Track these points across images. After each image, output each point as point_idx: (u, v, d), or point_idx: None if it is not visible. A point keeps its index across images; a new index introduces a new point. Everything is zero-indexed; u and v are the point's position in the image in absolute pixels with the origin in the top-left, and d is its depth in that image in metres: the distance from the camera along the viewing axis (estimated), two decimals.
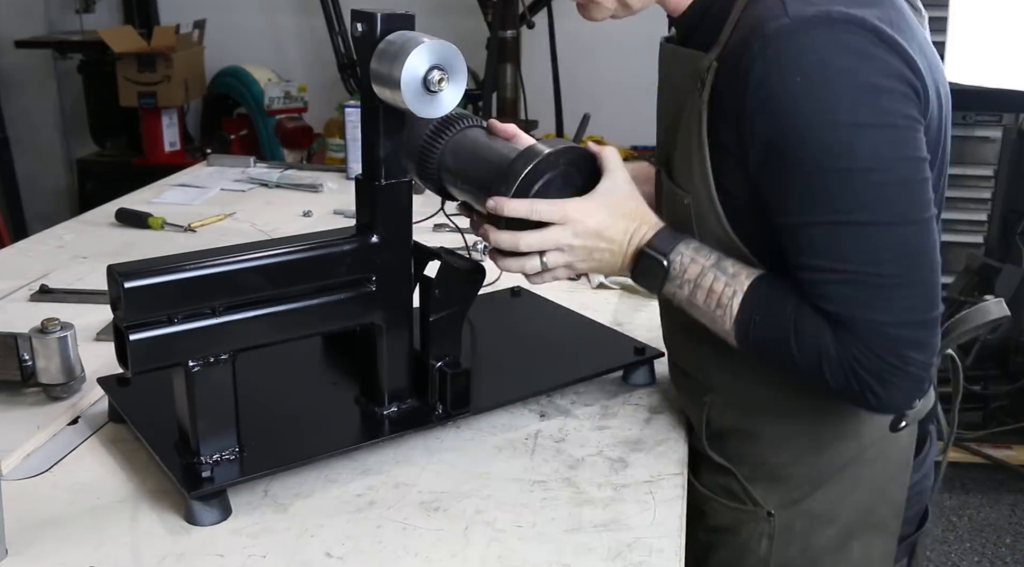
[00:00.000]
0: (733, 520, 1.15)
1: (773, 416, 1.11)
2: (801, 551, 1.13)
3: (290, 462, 1.02)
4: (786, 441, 1.11)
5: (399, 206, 1.06)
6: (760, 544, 1.14)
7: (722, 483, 1.16)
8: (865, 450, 1.10)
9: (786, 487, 1.12)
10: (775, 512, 1.12)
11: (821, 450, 1.10)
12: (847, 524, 1.13)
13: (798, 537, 1.13)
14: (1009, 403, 3.03)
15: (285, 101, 4.16)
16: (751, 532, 1.14)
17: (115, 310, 0.94)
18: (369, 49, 0.99)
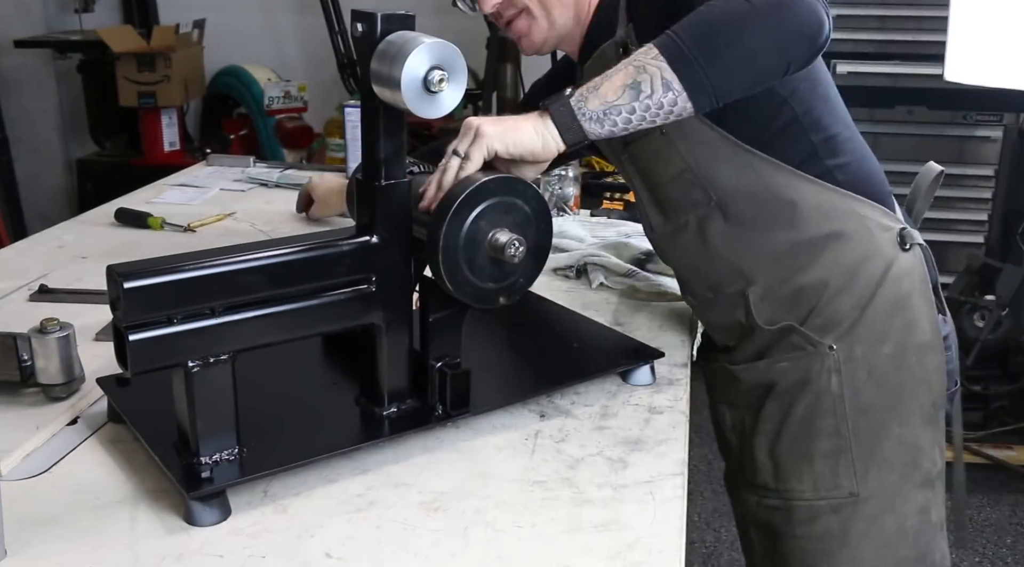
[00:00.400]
0: (801, 371, 1.27)
1: (803, 266, 1.24)
2: (868, 374, 1.26)
3: (290, 462, 1.02)
4: (823, 280, 1.24)
5: (399, 206, 1.06)
6: (831, 381, 1.26)
7: (782, 344, 1.28)
8: (888, 269, 1.24)
9: (837, 320, 1.25)
10: (835, 346, 1.25)
11: (854, 276, 1.24)
12: (899, 340, 1.26)
13: (860, 362, 1.25)
14: (1009, 403, 3.03)
15: (285, 101, 4.16)
16: (819, 372, 1.26)
17: (114, 310, 0.94)
18: (369, 49, 0.99)
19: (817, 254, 1.24)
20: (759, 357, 1.31)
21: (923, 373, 1.28)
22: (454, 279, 1.05)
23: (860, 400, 1.26)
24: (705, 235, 1.27)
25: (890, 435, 1.28)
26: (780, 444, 1.31)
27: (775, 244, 1.24)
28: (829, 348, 1.25)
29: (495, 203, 1.04)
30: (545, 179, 2.05)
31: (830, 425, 1.27)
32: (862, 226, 1.24)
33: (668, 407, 1.23)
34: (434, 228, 1.03)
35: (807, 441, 1.29)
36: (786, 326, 1.27)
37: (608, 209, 2.12)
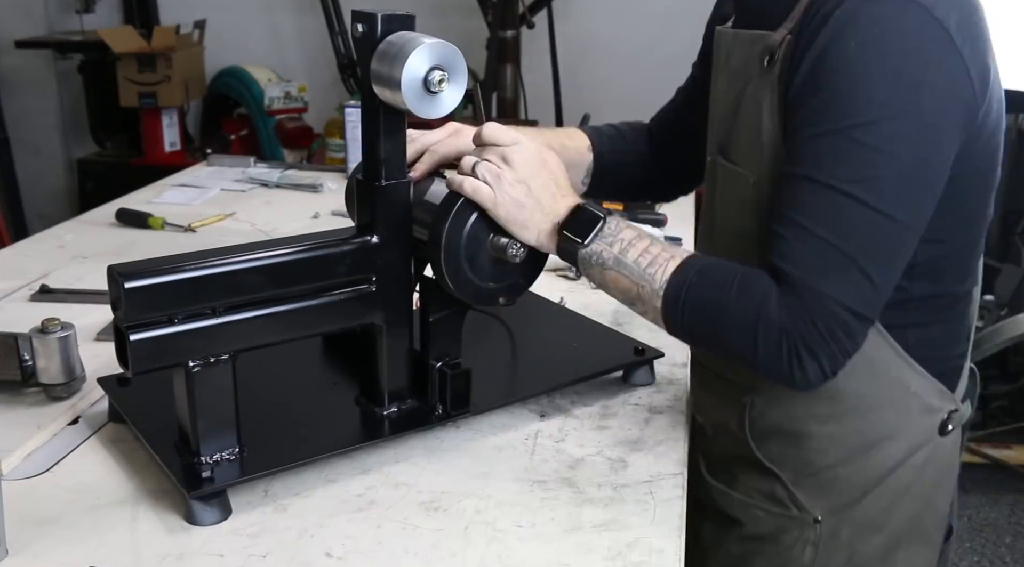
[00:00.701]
0: (775, 527, 1.13)
1: (819, 416, 1.08)
2: (846, 559, 1.11)
3: (290, 462, 1.02)
4: (833, 442, 1.08)
5: (399, 206, 1.06)
6: (804, 552, 1.11)
7: (764, 489, 1.14)
8: (913, 453, 1.08)
9: (834, 492, 1.10)
10: (822, 518, 1.10)
11: (869, 451, 1.08)
12: (894, 533, 1.11)
13: (844, 545, 1.11)
14: (1009, 403, 3.03)
15: (285, 101, 4.16)
16: (795, 539, 1.12)
17: (115, 310, 0.94)
18: (369, 49, 0.99)
19: (841, 410, 1.07)
20: (733, 482, 1.17)
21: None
22: (455, 278, 1.06)
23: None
24: None
25: None
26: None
27: None
28: (815, 520, 1.10)
29: None
30: None
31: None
32: (903, 403, 1.07)
33: (668, 407, 1.23)
34: (436, 227, 1.04)
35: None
36: (775, 473, 1.12)
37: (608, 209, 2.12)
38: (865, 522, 1.10)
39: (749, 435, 1.14)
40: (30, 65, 4.36)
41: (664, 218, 2.05)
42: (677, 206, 2.25)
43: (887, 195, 0.91)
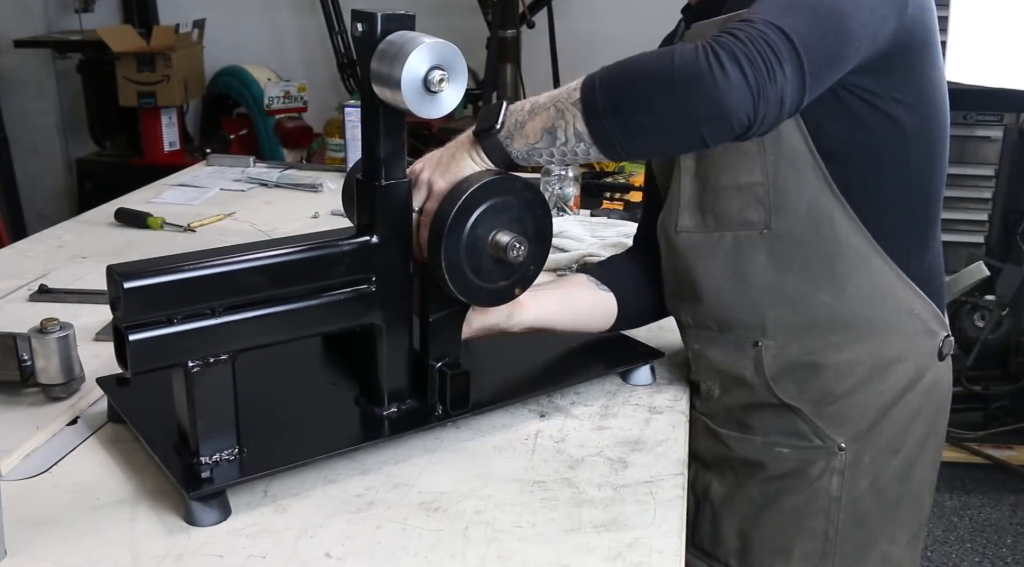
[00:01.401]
0: (800, 462, 1.17)
1: (835, 344, 1.13)
2: (870, 483, 1.16)
3: (290, 462, 1.02)
4: (850, 368, 1.13)
5: (399, 206, 1.06)
6: (832, 481, 1.16)
7: (785, 427, 1.17)
8: (922, 376, 1.15)
9: (854, 417, 1.15)
10: (845, 445, 1.15)
11: (884, 374, 1.14)
12: (909, 455, 1.17)
13: (867, 469, 1.16)
14: (1010, 403, 3.03)
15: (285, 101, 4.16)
16: (822, 470, 1.16)
17: (114, 310, 0.94)
18: (369, 49, 0.99)
19: (855, 336, 1.13)
20: (749, 429, 1.20)
21: (921, 491, 1.21)
22: (466, 290, 1.06)
23: (857, 508, 1.17)
24: (740, 261, 1.15)
25: (878, 550, 1.20)
26: (757, 529, 1.21)
27: (814, 306, 1.12)
28: (839, 447, 1.15)
29: (486, 208, 1.04)
30: (545, 179, 2.05)
31: (819, 526, 1.18)
32: (910, 325, 1.14)
33: (668, 407, 1.23)
34: (433, 250, 1.03)
35: (790, 536, 1.19)
36: (796, 409, 1.16)
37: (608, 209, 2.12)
38: (884, 445, 1.16)
39: (768, 376, 1.16)
40: (29, 64, 4.36)
41: None
42: None
43: None
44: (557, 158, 1.02)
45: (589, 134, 0.97)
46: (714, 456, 1.25)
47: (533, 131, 1.01)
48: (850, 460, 1.15)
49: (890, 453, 1.16)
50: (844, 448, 1.15)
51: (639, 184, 2.34)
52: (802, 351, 1.15)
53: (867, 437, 1.15)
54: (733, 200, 1.14)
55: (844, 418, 1.15)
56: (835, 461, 1.15)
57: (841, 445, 1.15)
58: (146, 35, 4.02)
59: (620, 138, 0.96)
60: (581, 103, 0.97)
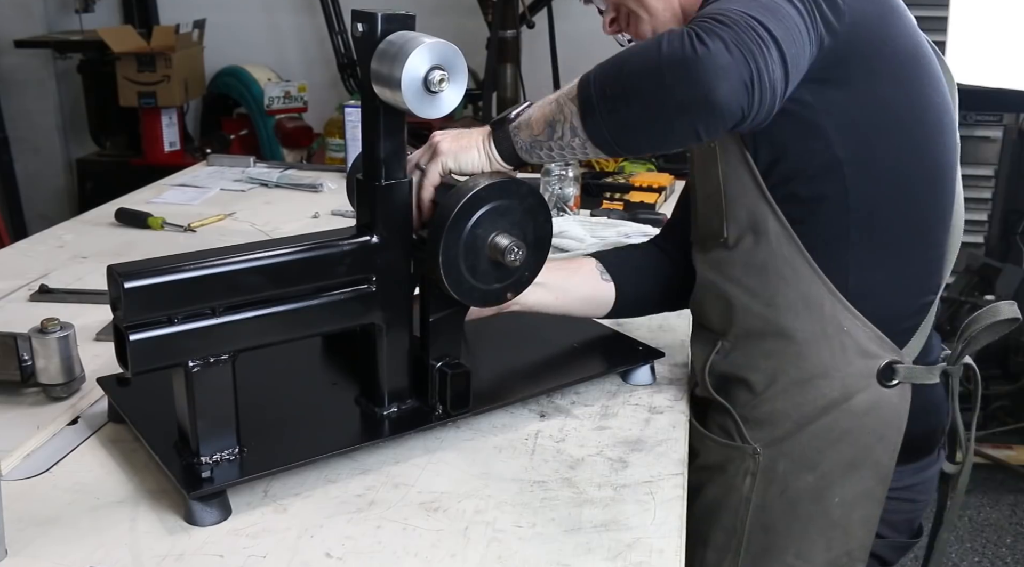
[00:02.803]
0: (723, 457, 1.21)
1: (765, 351, 1.16)
2: (780, 492, 1.18)
3: (290, 462, 1.02)
4: (773, 376, 1.15)
5: (399, 206, 1.06)
6: (744, 481, 1.19)
7: (720, 422, 1.22)
8: (850, 397, 1.13)
9: (772, 425, 1.17)
10: (761, 450, 1.17)
11: (804, 387, 1.14)
12: (827, 475, 1.16)
13: (779, 477, 1.17)
14: (1010, 403, 3.03)
15: (285, 101, 4.16)
16: (737, 469, 1.19)
17: (115, 310, 0.94)
18: (369, 49, 0.99)
19: (780, 345, 1.14)
20: (700, 419, 1.25)
21: (843, 519, 1.18)
22: (459, 288, 1.06)
23: (765, 514, 1.19)
24: (706, 268, 1.21)
25: (783, 561, 1.20)
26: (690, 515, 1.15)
27: (750, 314, 1.16)
28: (755, 451, 1.18)
29: (489, 209, 1.04)
30: (545, 179, 2.05)
31: (728, 522, 1.21)
32: (836, 339, 1.11)
33: (668, 407, 1.23)
34: (432, 244, 1.04)
35: (707, 524, 1.23)
36: (726, 407, 1.20)
37: (608, 209, 2.12)
38: (799, 458, 1.16)
39: (707, 375, 1.21)
40: (29, 65, 4.36)
41: (664, 218, 2.05)
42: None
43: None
44: (556, 152, 1.03)
45: (583, 129, 0.98)
46: None
47: (537, 123, 1.03)
48: (763, 465, 1.17)
49: (805, 468, 1.16)
50: (759, 452, 1.17)
51: (639, 184, 2.33)
52: (741, 355, 1.19)
53: (782, 446, 1.16)
54: (705, 209, 1.20)
55: (763, 423, 1.17)
56: (749, 463, 1.18)
57: (757, 449, 1.17)
58: (146, 35, 4.02)
59: (611, 132, 0.97)
60: (577, 99, 0.98)
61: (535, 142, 1.04)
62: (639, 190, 2.29)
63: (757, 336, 1.16)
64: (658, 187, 2.29)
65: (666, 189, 2.29)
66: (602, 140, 0.98)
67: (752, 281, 1.14)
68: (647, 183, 2.32)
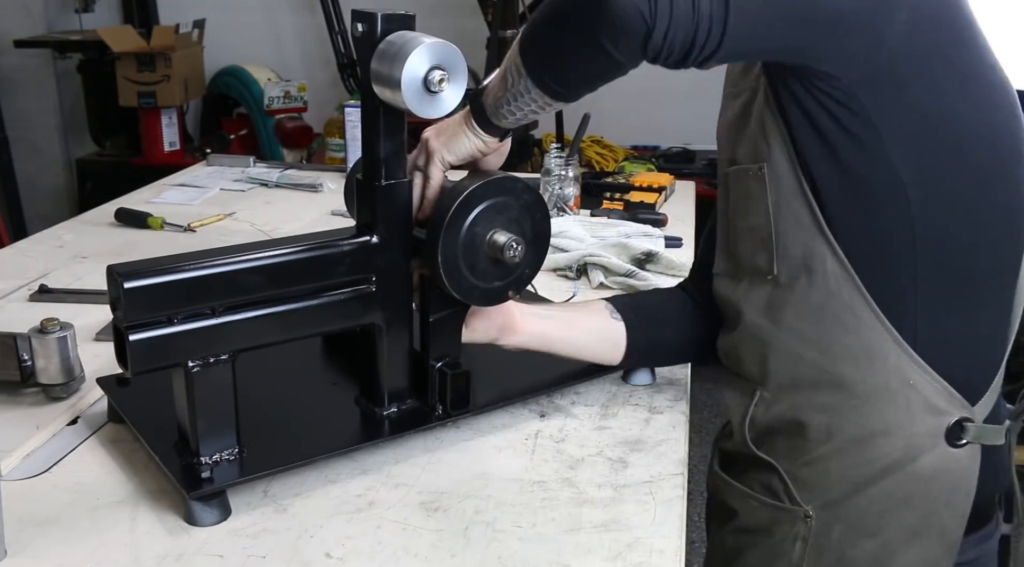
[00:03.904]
0: (768, 519, 1.11)
1: (819, 405, 1.05)
2: (835, 561, 1.07)
3: (290, 462, 1.02)
4: (829, 431, 1.05)
5: (399, 206, 1.06)
6: (794, 547, 1.08)
7: (763, 480, 1.11)
8: (915, 459, 1.03)
9: (827, 485, 1.06)
10: (813, 513, 1.07)
11: (864, 445, 1.03)
12: (888, 542, 1.06)
13: (834, 544, 1.07)
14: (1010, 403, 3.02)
15: (285, 101, 4.16)
16: (786, 533, 1.09)
17: (115, 310, 0.94)
18: (369, 49, 0.99)
19: (836, 398, 1.04)
20: (740, 474, 1.15)
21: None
22: (460, 287, 1.06)
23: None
24: (747, 307, 1.10)
25: None
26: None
27: (801, 361, 1.05)
28: (806, 515, 1.07)
29: (486, 207, 1.04)
30: (545, 179, 2.05)
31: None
32: (902, 394, 1.01)
33: (668, 407, 1.23)
34: (430, 243, 1.04)
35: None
36: (772, 464, 1.09)
37: (608, 209, 2.12)
38: (857, 524, 1.06)
39: (747, 429, 1.11)
40: (29, 64, 4.36)
41: (664, 218, 2.06)
42: (676, 205, 2.26)
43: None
44: (515, 105, 0.99)
45: (524, 66, 0.95)
46: (714, 496, 1.22)
47: (495, 82, 1.01)
48: (817, 530, 1.07)
49: (863, 535, 1.06)
50: (811, 516, 1.07)
51: (639, 184, 2.33)
52: (787, 407, 1.08)
53: (838, 510, 1.06)
54: (746, 243, 1.09)
55: (816, 484, 1.07)
56: (800, 527, 1.08)
57: (808, 512, 1.07)
58: (146, 35, 4.03)
59: (539, 62, 0.94)
60: (519, 40, 0.97)
61: (497, 101, 1.00)
62: (639, 190, 2.29)
63: (808, 387, 1.05)
64: (658, 187, 2.29)
65: (666, 189, 2.29)
66: (535, 74, 0.95)
67: (805, 325, 1.03)
68: (647, 183, 2.32)
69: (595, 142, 3.85)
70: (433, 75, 0.97)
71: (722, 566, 1.17)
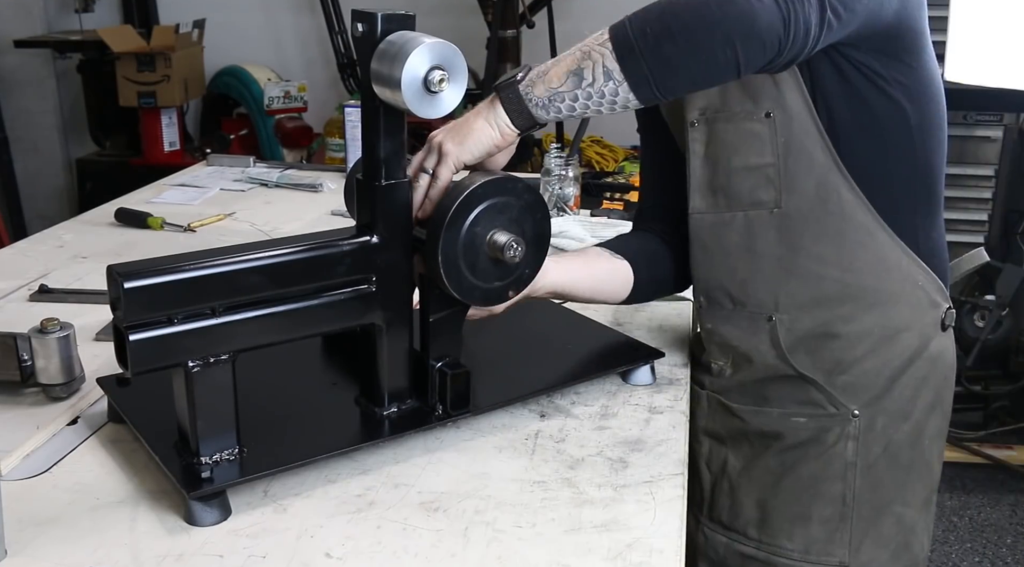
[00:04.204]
0: (817, 430, 1.22)
1: (843, 316, 1.18)
2: (883, 449, 1.22)
3: (290, 462, 1.02)
4: (859, 337, 1.19)
5: (399, 206, 1.06)
6: (847, 447, 1.21)
7: (801, 397, 1.22)
8: (926, 345, 1.20)
9: (865, 385, 1.20)
10: (859, 412, 1.20)
11: (891, 343, 1.19)
12: (918, 420, 1.22)
13: (880, 435, 1.21)
14: (1010, 403, 3.03)
15: (285, 101, 4.16)
16: (837, 437, 1.21)
17: (115, 310, 0.94)
18: (369, 49, 0.99)
19: (863, 307, 1.18)
20: (765, 401, 1.25)
21: (931, 458, 1.26)
22: (460, 287, 1.06)
23: (872, 473, 1.22)
24: (751, 239, 1.19)
25: (892, 512, 1.24)
26: (776, 497, 1.25)
27: (823, 280, 1.17)
28: (853, 414, 1.20)
29: (487, 207, 1.04)
30: (545, 179, 2.05)
31: (837, 491, 1.22)
32: (914, 296, 1.19)
33: (668, 407, 1.23)
34: (431, 242, 1.04)
35: (808, 502, 1.24)
36: (811, 379, 1.20)
37: (608, 209, 2.12)
38: (895, 412, 1.21)
39: (785, 349, 1.21)
40: (29, 64, 4.36)
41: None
42: None
43: None
44: (581, 103, 1.02)
45: (621, 70, 0.99)
46: (728, 431, 1.29)
47: (557, 75, 1.02)
48: (864, 426, 1.20)
49: (901, 419, 1.21)
50: (858, 415, 1.20)
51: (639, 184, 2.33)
52: (814, 323, 1.19)
53: (878, 404, 1.20)
54: (744, 181, 1.18)
55: (856, 386, 1.20)
56: (850, 427, 1.20)
57: (855, 412, 1.20)
58: (146, 35, 4.03)
59: (653, 68, 0.98)
60: (611, 41, 1.00)
61: (555, 95, 1.02)
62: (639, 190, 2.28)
63: (834, 301, 1.18)
64: None
65: None
66: (640, 79, 0.99)
67: (824, 248, 1.16)
68: None
69: (595, 142, 3.85)
70: (433, 75, 0.97)
71: (773, 487, 1.26)
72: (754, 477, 1.27)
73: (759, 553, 1.27)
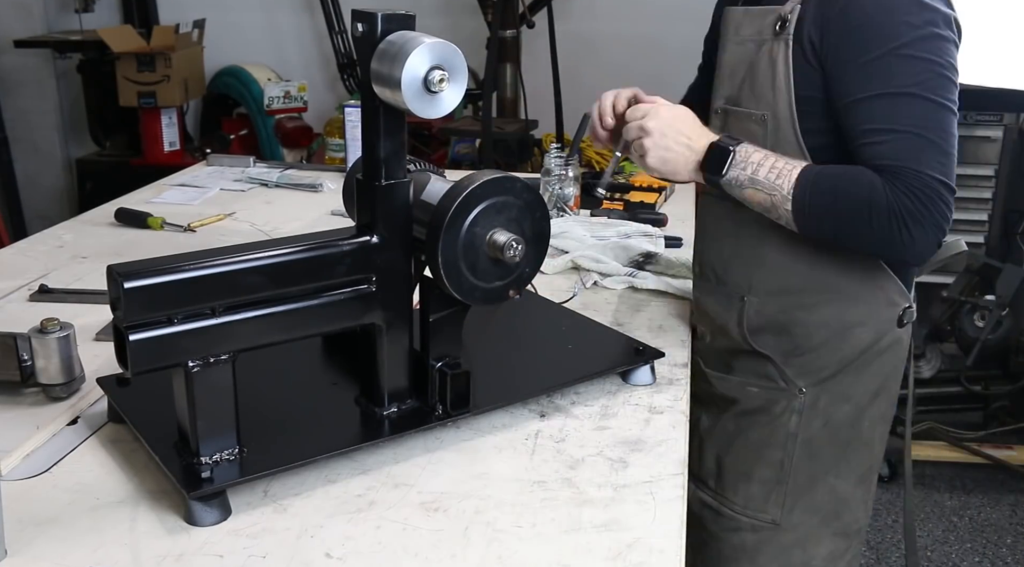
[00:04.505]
0: (766, 401, 1.38)
1: (806, 306, 1.32)
2: (823, 424, 1.36)
3: (290, 462, 1.02)
4: (817, 327, 1.33)
5: (399, 206, 1.06)
6: (790, 420, 1.36)
7: (757, 370, 1.38)
8: (880, 339, 1.33)
9: (816, 368, 1.34)
10: (805, 390, 1.35)
11: (845, 335, 1.32)
12: (859, 403, 1.36)
13: (821, 412, 1.36)
14: (1010, 403, 3.03)
15: (285, 101, 4.16)
16: (783, 409, 1.36)
17: (115, 310, 0.94)
18: (369, 49, 0.99)
19: (823, 301, 1.32)
20: (730, 370, 1.41)
21: (870, 438, 1.39)
22: (460, 288, 1.06)
23: (810, 444, 1.36)
24: (738, 227, 1.34)
25: (825, 483, 1.39)
26: (728, 455, 1.43)
27: (791, 272, 1.32)
28: (800, 391, 1.35)
29: (486, 207, 1.05)
30: (545, 179, 2.05)
31: (776, 457, 1.38)
32: (874, 297, 1.31)
33: (668, 407, 1.23)
34: (430, 243, 1.04)
35: (751, 463, 1.40)
36: (767, 356, 1.36)
37: (608, 209, 2.12)
38: (838, 393, 1.35)
39: (746, 329, 1.36)
40: (29, 64, 4.36)
41: (664, 218, 2.06)
42: (676, 205, 2.26)
43: (940, 90, 1.16)
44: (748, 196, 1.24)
45: (796, 226, 1.22)
46: (703, 393, 1.45)
47: (751, 200, 1.24)
48: (808, 402, 1.35)
49: (843, 400, 1.35)
50: (804, 392, 1.35)
51: (639, 184, 2.33)
52: (778, 310, 1.34)
53: (825, 385, 1.35)
54: None
55: (808, 367, 1.35)
56: (795, 402, 1.36)
57: (802, 389, 1.35)
58: (146, 35, 4.02)
59: (818, 235, 1.23)
60: (793, 207, 1.20)
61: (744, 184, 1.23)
62: (639, 190, 2.29)
63: (798, 291, 1.32)
64: (658, 187, 2.29)
65: (666, 189, 2.29)
66: (808, 233, 1.23)
67: (796, 244, 1.29)
68: (647, 183, 2.32)
69: None
70: (433, 75, 0.97)
71: (727, 446, 1.43)
72: (715, 435, 1.45)
73: (713, 501, 1.46)
